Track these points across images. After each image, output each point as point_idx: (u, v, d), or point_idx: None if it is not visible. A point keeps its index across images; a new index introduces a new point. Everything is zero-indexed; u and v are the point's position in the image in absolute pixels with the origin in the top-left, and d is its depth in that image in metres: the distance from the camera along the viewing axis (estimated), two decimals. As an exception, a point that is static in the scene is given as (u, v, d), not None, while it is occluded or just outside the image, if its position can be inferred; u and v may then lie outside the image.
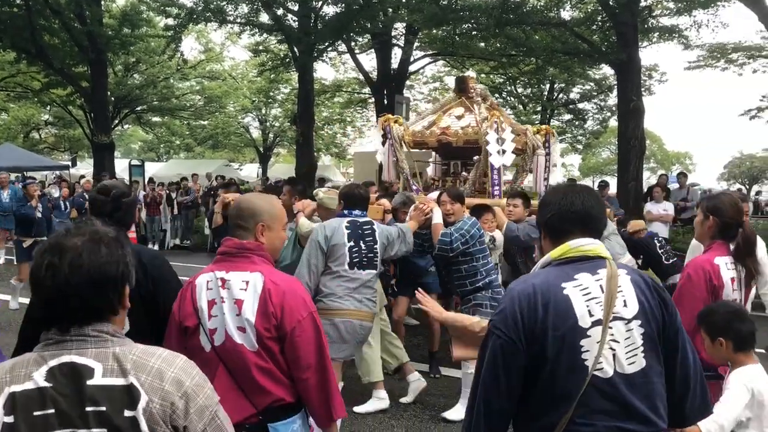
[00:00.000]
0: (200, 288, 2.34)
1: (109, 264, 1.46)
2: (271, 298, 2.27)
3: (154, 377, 1.44)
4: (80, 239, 1.45)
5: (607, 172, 44.14)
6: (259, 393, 2.26)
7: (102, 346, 1.45)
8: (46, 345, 1.44)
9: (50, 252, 1.43)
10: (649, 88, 22.56)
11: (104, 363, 1.42)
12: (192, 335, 2.32)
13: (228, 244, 2.40)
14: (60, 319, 1.44)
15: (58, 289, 1.41)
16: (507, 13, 14.40)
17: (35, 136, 37.89)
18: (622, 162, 14.48)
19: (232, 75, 31.92)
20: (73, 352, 1.43)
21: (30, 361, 1.43)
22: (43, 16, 19.80)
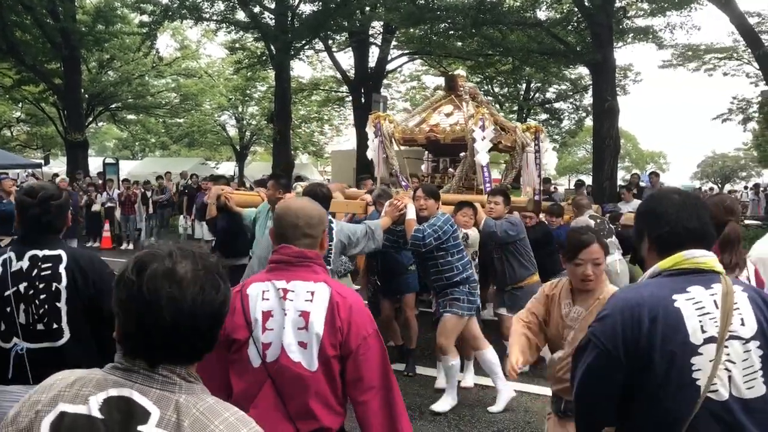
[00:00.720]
0: (254, 298, 2.15)
1: (225, 303, 1.33)
2: (339, 311, 2.11)
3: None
4: (190, 267, 1.29)
5: (582, 171, 44.58)
6: (305, 418, 2.09)
7: (168, 389, 1.27)
8: (114, 368, 1.30)
9: (166, 279, 1.25)
10: (624, 88, 22.86)
11: (163, 410, 1.25)
12: (239, 348, 2.12)
13: (287, 253, 2.21)
14: (157, 353, 1.28)
15: (174, 327, 1.25)
16: (483, 13, 14.47)
17: (6, 134, 37.24)
18: (596, 161, 14.63)
19: (209, 73, 31.66)
20: (135, 387, 1.26)
21: (93, 381, 1.28)
22: (14, 11, 19.50)
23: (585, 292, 2.88)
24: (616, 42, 16.86)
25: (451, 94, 8.18)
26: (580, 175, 40.26)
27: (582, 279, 2.82)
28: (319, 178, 25.90)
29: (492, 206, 5.95)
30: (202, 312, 1.27)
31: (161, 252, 1.30)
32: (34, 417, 1.25)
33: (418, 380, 6.15)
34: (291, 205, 2.36)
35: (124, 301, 1.27)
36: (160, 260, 1.28)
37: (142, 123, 34.81)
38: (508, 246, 5.94)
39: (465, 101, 7.94)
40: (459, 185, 7.56)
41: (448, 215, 5.17)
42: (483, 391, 5.84)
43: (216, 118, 33.86)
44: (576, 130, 27.40)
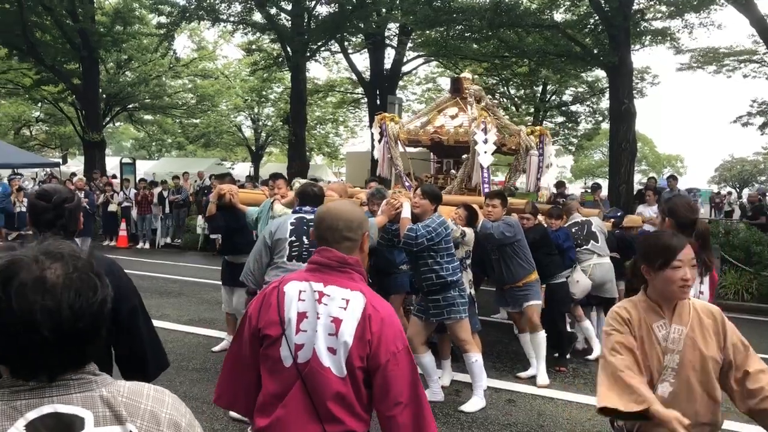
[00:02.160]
0: (290, 297, 2.13)
1: (105, 301, 1.25)
2: (371, 324, 2.08)
3: (150, 422, 1.26)
4: (61, 270, 1.19)
5: (599, 174, 44.29)
6: (332, 422, 2.07)
7: (87, 389, 1.23)
8: (15, 392, 1.19)
9: (36, 291, 1.16)
10: (641, 91, 22.69)
11: (94, 410, 1.21)
12: (271, 345, 2.11)
13: (328, 256, 2.18)
14: (50, 367, 1.20)
15: (56, 339, 1.17)
16: (500, 15, 14.42)
17: (26, 133, 37.67)
18: (613, 164, 14.53)
19: (225, 74, 31.86)
20: (55, 400, 1.20)
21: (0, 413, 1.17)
22: (35, 12, 19.72)
23: (674, 305, 2.53)
24: (634, 44, 16.74)
25: (456, 96, 8.25)
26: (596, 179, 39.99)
27: (681, 285, 2.47)
28: (334, 180, 25.94)
29: (490, 208, 6.04)
30: (82, 317, 1.19)
31: (26, 258, 1.19)
32: None
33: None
34: (330, 207, 2.32)
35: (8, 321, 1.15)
36: (26, 268, 1.18)
37: (158, 123, 35.06)
38: (505, 247, 6.04)
39: (469, 104, 8.01)
40: (461, 187, 7.65)
41: (444, 218, 5.23)
42: (497, 393, 5.83)
43: (232, 118, 34.02)
44: (592, 133, 27.20)
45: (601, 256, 7.13)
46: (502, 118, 8.46)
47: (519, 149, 7.81)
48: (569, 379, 6.35)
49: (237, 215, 6.07)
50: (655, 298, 2.53)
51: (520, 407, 5.51)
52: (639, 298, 2.58)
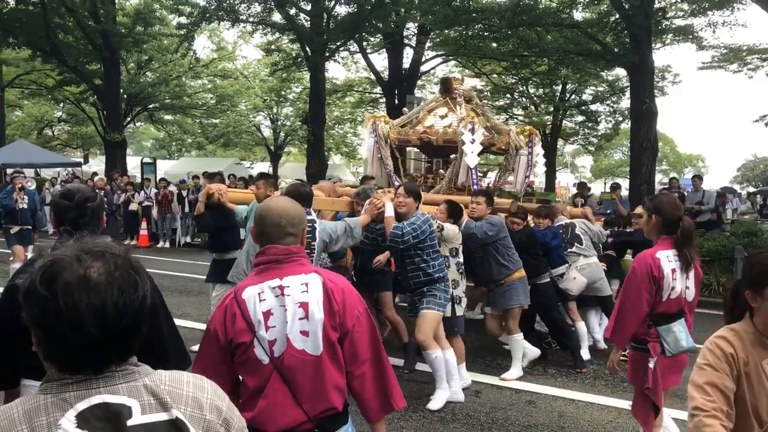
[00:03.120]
0: (251, 301, 2.23)
1: (146, 297, 1.29)
2: (335, 296, 2.26)
3: (194, 407, 1.31)
4: (104, 268, 1.23)
5: (619, 174, 43.95)
6: (314, 401, 2.23)
7: (131, 379, 1.27)
8: (64, 385, 1.23)
9: (81, 290, 1.19)
10: (662, 90, 22.47)
11: (140, 399, 1.25)
12: (245, 350, 2.21)
13: (274, 252, 2.30)
14: (96, 361, 1.24)
15: (102, 335, 1.20)
16: (519, 14, 14.35)
17: (48, 133, 38.16)
18: (634, 164, 14.40)
19: (244, 74, 32.03)
20: (102, 391, 1.23)
21: (48, 406, 1.20)
22: (58, 14, 19.97)
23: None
24: (655, 43, 16.59)
25: (446, 96, 8.35)
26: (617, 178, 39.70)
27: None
28: (352, 180, 25.96)
29: (474, 206, 6.09)
30: (126, 314, 1.22)
31: (68, 257, 1.22)
32: None
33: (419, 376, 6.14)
34: (272, 206, 2.43)
35: (40, 318, 1.19)
36: (69, 267, 1.20)
37: (178, 123, 35.36)
38: (488, 246, 6.08)
39: (458, 104, 8.12)
40: (449, 186, 7.75)
41: (428, 215, 5.30)
42: (517, 394, 5.80)
43: (251, 118, 34.21)
44: (612, 133, 26.98)
45: (588, 257, 7.18)
46: (491, 119, 8.59)
47: (509, 149, 7.90)
48: (590, 380, 6.31)
49: (226, 214, 6.14)
50: (765, 330, 2.15)
51: (541, 408, 5.48)
52: (744, 329, 2.20)
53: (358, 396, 2.36)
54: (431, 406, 5.29)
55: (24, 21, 19.87)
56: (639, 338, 3.76)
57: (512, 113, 27.36)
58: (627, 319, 3.71)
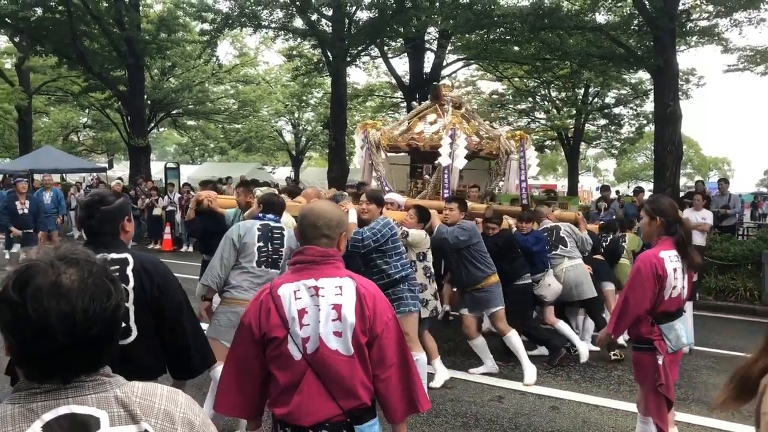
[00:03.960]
0: (287, 298, 2.33)
1: (119, 306, 1.27)
2: (366, 301, 2.35)
3: (164, 420, 1.28)
4: (76, 275, 1.22)
5: (642, 178, 43.55)
6: (347, 397, 2.32)
7: (101, 390, 1.25)
8: (32, 394, 1.21)
9: (52, 296, 1.18)
10: (686, 93, 22.19)
11: (109, 410, 1.23)
12: (278, 345, 2.31)
13: (312, 253, 2.41)
14: (65, 369, 1.22)
15: (72, 343, 1.19)
16: (542, 17, 14.27)
17: (74, 139, 38.73)
18: (658, 168, 14.23)
19: (266, 79, 32.23)
20: (70, 401, 1.21)
21: (15, 416, 1.19)
22: (83, 21, 20.24)
23: None
24: (679, 45, 16.41)
25: (436, 103, 8.49)
26: (640, 182, 39.36)
27: None
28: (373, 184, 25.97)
29: (447, 212, 6.33)
30: (96, 322, 1.21)
31: (42, 263, 1.21)
32: None
33: (474, 388, 6.11)
34: (313, 207, 2.55)
35: (11, 324, 1.18)
36: (42, 273, 1.20)
37: (201, 128, 35.67)
38: (461, 251, 6.23)
39: (445, 110, 8.25)
40: (434, 191, 7.89)
41: (388, 219, 5.44)
42: (540, 400, 5.77)
43: (273, 123, 34.40)
44: (636, 136, 26.70)
45: (573, 259, 7.26)
46: (482, 124, 8.69)
47: (499, 154, 8.04)
48: (614, 386, 6.26)
49: (216, 219, 6.27)
50: None
51: (564, 414, 5.44)
52: None
53: (383, 398, 2.42)
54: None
55: (51, 29, 20.19)
56: (644, 338, 3.84)
57: (534, 117, 27.21)
58: (628, 315, 3.82)
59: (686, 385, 6.46)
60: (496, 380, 6.28)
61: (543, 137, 28.74)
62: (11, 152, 33.34)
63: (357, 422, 2.35)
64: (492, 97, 27.58)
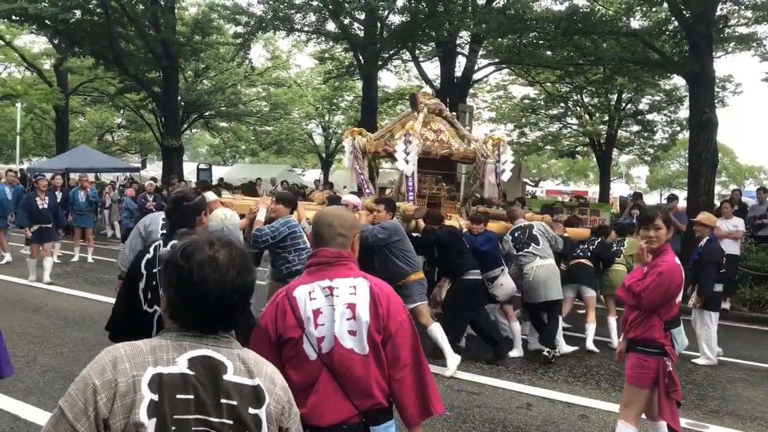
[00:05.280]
0: (302, 299, 2.38)
1: (254, 281, 1.64)
2: (380, 300, 2.40)
3: (269, 381, 1.61)
4: (228, 254, 1.57)
5: (676, 185, 42.84)
6: (362, 396, 2.36)
7: (230, 346, 1.60)
8: (182, 336, 1.56)
9: (210, 267, 1.53)
10: (723, 100, 21.80)
11: (233, 362, 1.57)
12: (294, 346, 2.35)
13: (325, 254, 2.47)
14: (210, 324, 1.57)
15: (220, 304, 1.54)
16: (575, 22, 14.14)
17: (108, 139, 39.38)
18: (692, 175, 13.99)
19: (298, 82, 32.44)
20: (210, 348, 1.56)
21: (170, 346, 1.54)
22: (120, 24, 20.59)
23: None
24: (716, 51, 16.13)
25: (415, 110, 8.97)
26: (673, 189, 38.72)
27: None
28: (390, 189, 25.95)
29: (376, 213, 6.86)
30: (239, 291, 1.57)
31: (202, 241, 1.58)
32: (132, 381, 1.46)
33: (468, 386, 6.07)
34: (328, 210, 2.70)
35: (176, 284, 1.55)
36: (203, 249, 1.56)
37: (233, 130, 36.02)
38: (383, 248, 6.63)
39: (414, 118, 8.70)
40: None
41: (290, 218, 6.03)
42: (569, 408, 5.71)
43: (303, 126, 34.61)
44: (669, 143, 26.27)
45: (544, 258, 7.33)
46: (461, 129, 9.14)
47: (476, 158, 8.42)
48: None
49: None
50: None
51: (594, 423, 5.38)
52: None
53: (397, 399, 2.44)
54: None
55: (89, 31, 20.56)
56: (655, 343, 3.93)
57: (566, 122, 26.96)
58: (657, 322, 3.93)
59: (720, 397, 6.35)
60: (524, 387, 6.24)
61: (574, 143, 28.45)
62: (48, 151, 34.04)
63: (373, 423, 2.37)
64: (523, 102, 27.39)
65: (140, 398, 1.45)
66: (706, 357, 7.47)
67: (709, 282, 7.41)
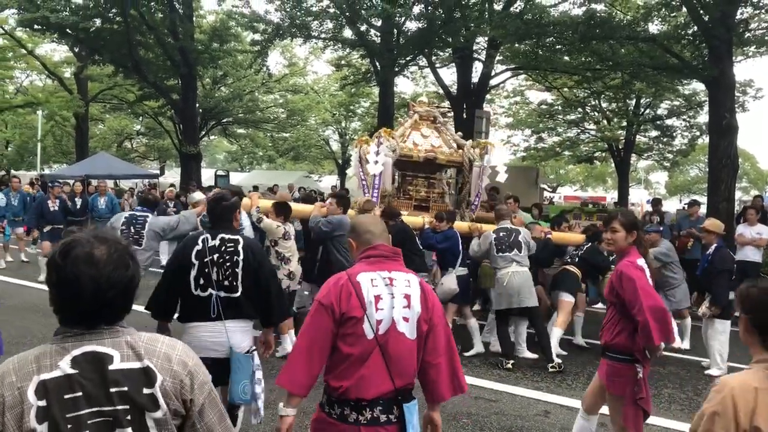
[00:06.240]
0: (365, 285, 2.65)
1: (134, 277, 1.69)
2: (428, 295, 2.75)
3: (163, 360, 1.68)
4: (105, 251, 1.63)
5: (695, 191, 42.44)
6: (401, 376, 2.64)
7: (115, 336, 1.66)
8: (65, 337, 1.63)
9: (86, 263, 1.60)
10: (743, 105, 21.57)
11: (120, 350, 1.64)
12: (355, 324, 2.61)
13: (385, 249, 2.79)
14: (89, 319, 1.64)
15: (95, 299, 1.60)
16: (593, 27, 14.06)
17: (127, 146, 39.79)
18: (713, 181, 13.84)
19: (315, 89, 32.58)
20: (93, 343, 1.63)
21: (52, 352, 1.61)
22: (139, 32, 20.82)
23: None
24: (736, 56, 15.96)
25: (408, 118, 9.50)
26: (693, 195, 38.37)
27: None
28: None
29: (327, 206, 7.39)
30: (115, 286, 1.62)
31: (82, 238, 1.64)
32: (18, 393, 1.56)
33: (487, 394, 6.02)
34: (361, 218, 3.14)
35: (55, 281, 1.62)
36: (80, 246, 1.62)
37: (251, 137, 36.25)
38: (326, 242, 7.02)
39: (401, 124, 9.22)
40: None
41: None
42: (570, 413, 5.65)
43: (320, 133, 34.74)
44: (689, 149, 26.03)
45: (521, 265, 7.30)
46: (453, 135, 9.37)
47: (463, 162, 8.72)
48: (665, 404, 6.10)
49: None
50: None
51: None
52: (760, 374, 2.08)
53: (432, 382, 2.76)
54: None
55: (108, 39, 20.82)
56: (626, 350, 3.92)
57: (584, 128, 26.82)
58: (666, 315, 3.87)
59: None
60: (542, 394, 6.19)
61: (592, 148, 28.28)
62: (68, 158, 34.45)
63: (405, 401, 2.65)
64: (541, 107, 27.28)
65: (28, 407, 1.55)
66: (719, 367, 7.23)
67: (723, 291, 7.17)
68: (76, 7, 20.01)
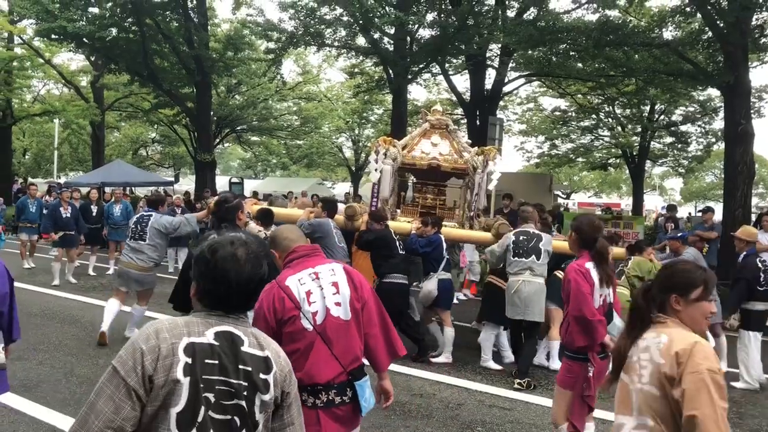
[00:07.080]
0: (294, 287, 2.92)
1: (265, 273, 2.05)
2: (354, 277, 3.06)
3: (275, 354, 2.01)
4: (245, 251, 1.99)
5: (710, 198, 42.08)
6: (346, 353, 2.93)
7: (245, 325, 2.01)
8: (209, 315, 1.97)
9: (231, 261, 1.95)
10: (759, 111, 21.40)
11: (248, 337, 1.97)
12: (294, 322, 2.87)
13: (305, 248, 3.12)
14: (227, 306, 1.98)
15: (238, 291, 1.96)
16: (607, 33, 14.04)
17: (143, 153, 40.12)
18: (728, 187, 13.75)
19: (328, 96, 32.69)
20: (230, 325, 1.96)
21: (198, 322, 1.94)
22: (155, 41, 21.03)
23: None
24: (751, 62, 15.87)
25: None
26: (708, 202, 38.07)
27: (708, 317, 2.62)
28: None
29: (313, 210, 8.02)
30: (253, 280, 1.99)
31: (226, 240, 2.00)
32: (171, 346, 1.85)
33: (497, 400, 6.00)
34: (278, 229, 3.43)
35: (204, 272, 1.97)
36: (225, 246, 1.98)
37: (265, 144, 36.42)
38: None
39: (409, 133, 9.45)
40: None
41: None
42: (603, 425, 5.62)
43: (334, 140, 34.84)
44: (704, 155, 25.82)
45: (535, 274, 6.87)
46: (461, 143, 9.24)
47: (467, 169, 8.70)
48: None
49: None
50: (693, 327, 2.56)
51: None
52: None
53: (372, 351, 3.07)
54: None
55: (124, 48, 21.05)
56: (580, 348, 4.19)
57: (598, 134, 26.70)
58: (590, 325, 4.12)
59: (760, 415, 6.19)
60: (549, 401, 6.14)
61: (607, 155, 28.14)
62: (85, 165, 34.78)
63: (356, 379, 2.93)
64: (554, 114, 27.21)
65: (177, 360, 1.83)
66: (745, 381, 7.04)
67: (735, 297, 7.08)
68: (93, 17, 20.26)
